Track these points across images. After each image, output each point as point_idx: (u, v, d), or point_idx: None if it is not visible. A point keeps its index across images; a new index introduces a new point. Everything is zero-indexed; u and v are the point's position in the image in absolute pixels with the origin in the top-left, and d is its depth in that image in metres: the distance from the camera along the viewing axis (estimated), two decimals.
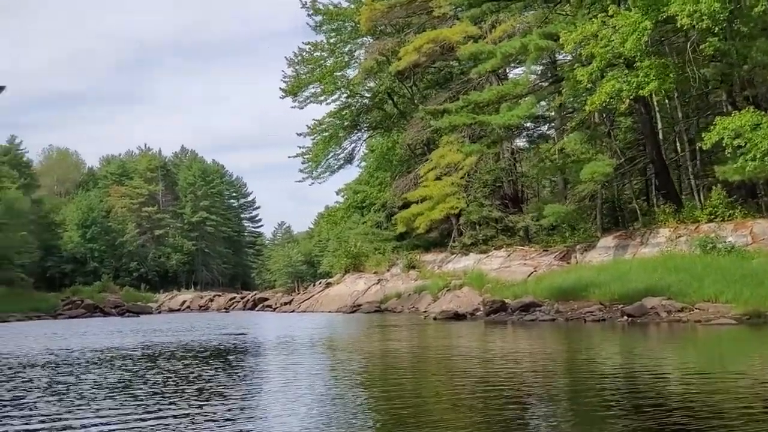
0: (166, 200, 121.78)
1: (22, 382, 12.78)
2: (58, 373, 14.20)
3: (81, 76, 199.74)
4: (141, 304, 64.32)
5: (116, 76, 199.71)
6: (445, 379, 12.48)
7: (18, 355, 18.15)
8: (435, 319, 27.91)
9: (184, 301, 73.87)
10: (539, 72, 43.73)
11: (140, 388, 11.64)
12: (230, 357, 16.99)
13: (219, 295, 76.39)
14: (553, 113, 44.37)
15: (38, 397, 10.96)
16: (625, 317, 22.83)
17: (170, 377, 13.02)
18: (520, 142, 48.81)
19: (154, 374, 13.53)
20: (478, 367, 13.85)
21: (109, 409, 9.62)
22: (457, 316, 27.67)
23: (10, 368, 15.01)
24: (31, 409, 9.75)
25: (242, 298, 70.07)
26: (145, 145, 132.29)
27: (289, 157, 60.00)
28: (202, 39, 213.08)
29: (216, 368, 14.36)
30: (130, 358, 16.90)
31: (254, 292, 77.70)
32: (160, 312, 64.11)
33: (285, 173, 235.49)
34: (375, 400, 10.43)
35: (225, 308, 64.81)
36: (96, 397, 10.76)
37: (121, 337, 24.89)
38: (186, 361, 15.91)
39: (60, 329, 33.06)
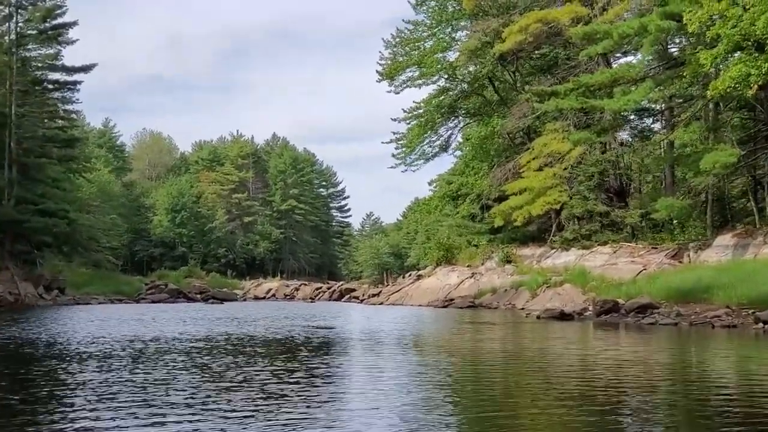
0: (256, 187, 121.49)
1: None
2: (117, 363, 12.32)
3: (178, 62, 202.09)
4: (226, 290, 63.33)
5: (213, 64, 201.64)
6: (551, 388, 10.04)
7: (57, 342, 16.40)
8: (539, 318, 25.34)
9: (270, 290, 72.60)
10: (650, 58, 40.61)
11: (213, 383, 10.08)
12: (315, 351, 14.95)
13: (305, 285, 75.02)
14: (658, 105, 41.15)
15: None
16: (760, 324, 19.94)
17: (247, 372, 11.26)
18: (623, 135, 45.61)
19: (229, 368, 11.71)
20: (594, 374, 11.38)
21: (180, 405, 8.39)
22: (563, 316, 25.05)
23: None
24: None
25: (328, 288, 68.49)
26: (237, 132, 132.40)
27: (382, 142, 58.12)
28: (300, 29, 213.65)
29: (299, 363, 12.58)
30: (204, 350, 14.96)
31: (341, 283, 76.04)
32: (245, 299, 62.92)
33: (375, 164, 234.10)
34: (465, 405, 9.08)
35: (311, 298, 63.22)
36: (164, 392, 9.26)
37: (196, 325, 23.18)
38: (268, 355, 14.20)
39: (136, 313, 31.92)
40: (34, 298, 42.84)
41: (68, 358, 13.05)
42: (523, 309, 33.17)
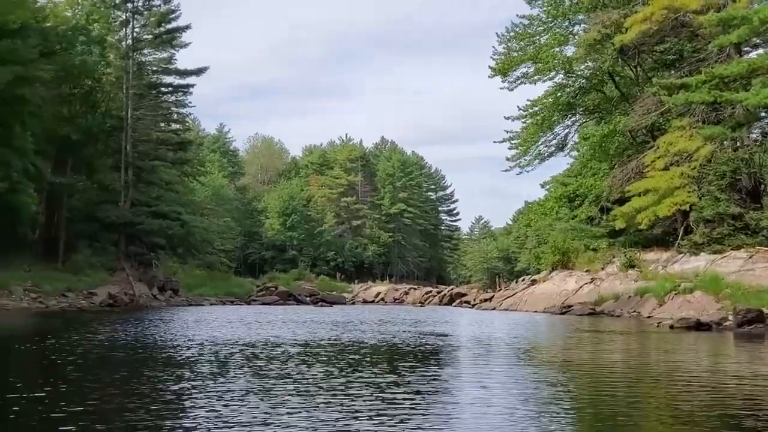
0: (365, 191, 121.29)
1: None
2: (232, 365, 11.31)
3: (288, 67, 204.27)
4: (335, 293, 63.02)
5: (323, 68, 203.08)
6: (690, 408, 8.45)
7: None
8: (672, 327, 23.40)
9: (379, 293, 71.86)
10: None
11: (317, 391, 9.08)
12: (428, 359, 13.86)
13: (414, 289, 73.98)
14: None
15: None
16: None
17: (355, 379, 10.25)
18: (754, 131, 42.75)
19: (339, 374, 10.57)
20: (737, 395, 9.72)
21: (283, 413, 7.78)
22: (699, 326, 23.05)
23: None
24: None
25: (438, 292, 67.12)
26: (346, 136, 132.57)
27: (494, 141, 55.93)
28: (409, 31, 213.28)
29: (411, 372, 11.54)
30: (315, 356, 13.87)
31: (451, 287, 74.54)
32: (353, 303, 62.33)
33: (485, 167, 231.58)
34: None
35: (420, 302, 62.03)
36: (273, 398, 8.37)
37: (305, 329, 22.22)
38: (376, 362, 13.22)
39: (246, 315, 31.47)
40: (148, 299, 43.05)
41: (174, 361, 12.37)
42: (649, 317, 31.09)
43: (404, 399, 8.79)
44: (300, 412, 7.78)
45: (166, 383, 9.79)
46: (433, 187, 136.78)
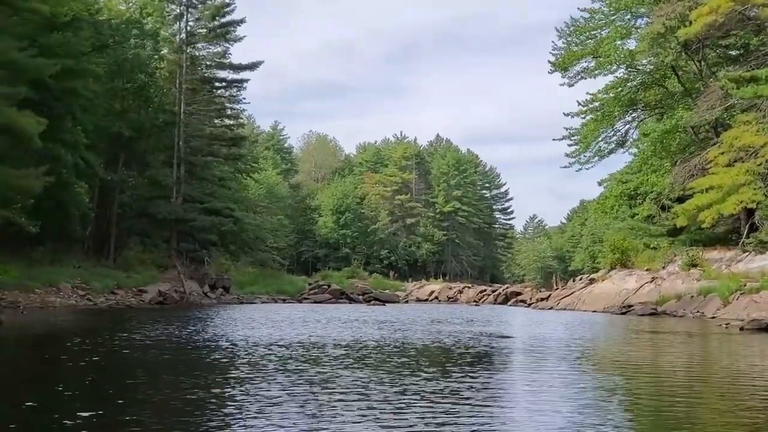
0: (419, 189, 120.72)
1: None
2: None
3: (345, 65, 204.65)
4: (388, 292, 62.39)
5: (378, 66, 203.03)
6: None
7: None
8: (742, 329, 22.28)
9: (432, 292, 71.03)
10: None
11: (358, 399, 8.17)
12: (478, 362, 13.04)
13: (468, 287, 72.98)
14: None
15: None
16: None
17: (401, 386, 9.37)
18: None
19: (385, 380, 9.81)
20: None
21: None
22: None
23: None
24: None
25: (493, 291, 66.12)
26: (401, 134, 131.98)
27: (554, 139, 54.76)
28: (465, 30, 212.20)
29: (458, 376, 10.61)
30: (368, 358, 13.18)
31: (506, 286, 73.43)
32: (407, 301, 61.66)
33: (540, 166, 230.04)
34: None
35: (474, 301, 61.13)
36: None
37: (356, 329, 21.61)
38: (426, 365, 12.39)
39: (298, 313, 30.95)
40: (199, 296, 42.83)
41: (206, 364, 11.87)
42: (713, 318, 29.94)
43: (454, 407, 8.04)
44: (332, 422, 7.08)
45: (187, 388, 9.15)
46: (487, 185, 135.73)
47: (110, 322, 22.37)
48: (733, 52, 45.34)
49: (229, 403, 8.03)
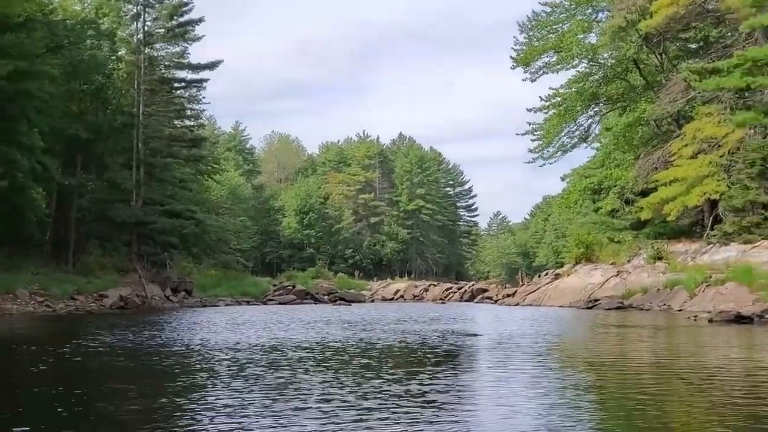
0: (382, 188, 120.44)
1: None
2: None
3: (305, 64, 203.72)
4: (354, 291, 61.94)
5: (338, 65, 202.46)
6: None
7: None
8: (710, 321, 22.10)
9: (398, 290, 70.47)
10: None
11: (320, 403, 7.72)
12: (445, 361, 12.76)
13: (434, 285, 72.51)
14: None
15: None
16: None
17: (366, 388, 8.97)
18: None
19: (349, 382, 9.37)
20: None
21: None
22: (739, 319, 21.77)
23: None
24: None
25: (459, 288, 65.68)
26: (364, 132, 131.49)
27: (517, 134, 54.73)
28: (426, 29, 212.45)
29: (425, 376, 10.21)
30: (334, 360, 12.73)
31: (472, 283, 73.10)
32: (373, 301, 61.16)
33: (502, 163, 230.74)
34: None
35: (441, 299, 60.70)
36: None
37: (322, 331, 21.16)
38: (392, 366, 11.99)
39: (261, 315, 30.74)
40: (160, 300, 41.99)
41: (160, 369, 11.38)
42: (680, 310, 29.85)
43: (418, 411, 7.63)
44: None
45: (135, 397, 8.68)
46: (451, 183, 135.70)
47: (67, 329, 21.76)
48: (693, 45, 45.60)
49: (179, 414, 7.53)
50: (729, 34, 40.43)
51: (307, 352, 13.75)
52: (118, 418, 7.33)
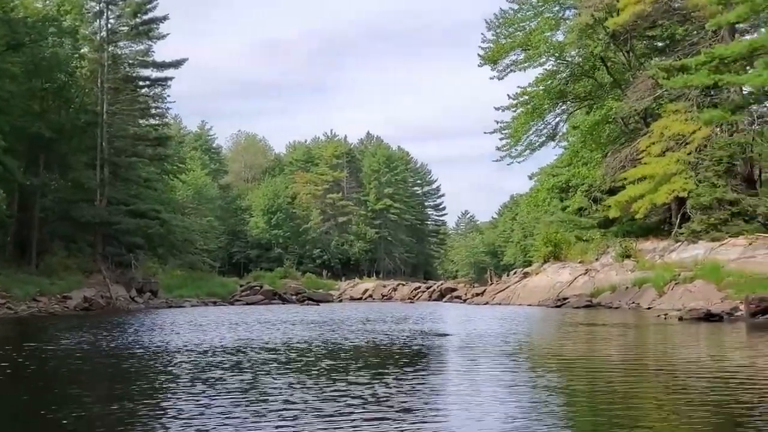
0: (350, 187, 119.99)
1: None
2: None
3: (273, 64, 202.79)
4: (322, 291, 61.58)
5: (307, 65, 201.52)
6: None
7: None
8: (680, 319, 21.98)
9: (366, 290, 70.18)
10: None
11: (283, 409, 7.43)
12: (414, 362, 12.41)
13: (402, 284, 72.30)
14: None
15: None
16: None
17: (330, 391, 8.66)
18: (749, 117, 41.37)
19: (313, 384, 9.03)
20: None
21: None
22: (709, 317, 21.66)
23: None
24: None
25: (428, 288, 65.51)
26: (332, 132, 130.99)
27: (485, 132, 54.49)
28: (395, 27, 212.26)
29: (393, 377, 9.99)
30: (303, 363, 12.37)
31: (440, 282, 72.99)
32: (341, 300, 60.88)
33: (470, 162, 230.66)
34: None
35: (409, 298, 60.49)
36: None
37: (288, 331, 20.78)
38: (359, 368, 11.60)
39: (227, 316, 30.35)
40: (125, 302, 41.38)
41: (130, 372, 10.98)
42: (650, 308, 29.81)
43: (385, 414, 7.33)
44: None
45: (88, 403, 8.35)
46: (419, 182, 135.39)
47: (27, 332, 21.25)
48: (660, 43, 45.64)
49: (132, 421, 7.17)
50: (695, 32, 40.45)
51: (272, 354, 13.40)
52: (67, 427, 6.94)
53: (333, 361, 12.35)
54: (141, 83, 54.31)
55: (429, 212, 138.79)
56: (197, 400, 8.13)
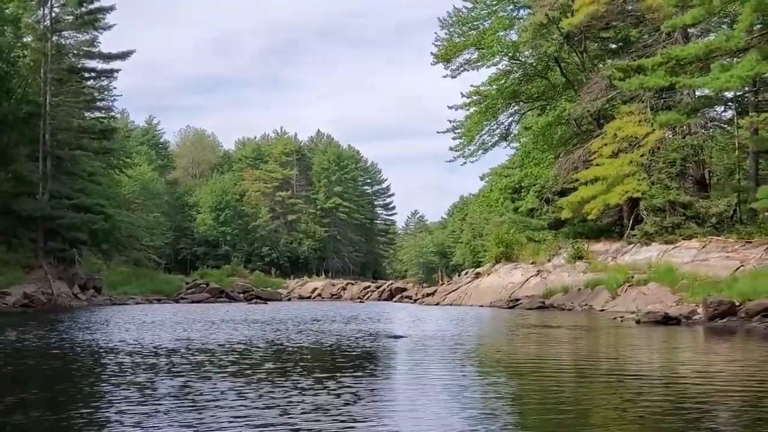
0: (300, 185, 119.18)
1: None
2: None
3: (222, 60, 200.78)
4: (270, 290, 60.81)
5: (256, 62, 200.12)
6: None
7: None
8: (638, 322, 21.51)
9: (315, 289, 69.50)
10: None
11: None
12: (361, 364, 11.73)
13: (352, 284, 71.82)
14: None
15: None
16: None
17: (267, 396, 7.95)
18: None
19: (248, 389, 8.23)
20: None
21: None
22: (667, 320, 21.20)
23: None
24: None
25: (378, 287, 65.01)
26: (281, 129, 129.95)
27: (438, 132, 54.01)
28: (345, 26, 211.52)
29: (336, 381, 9.27)
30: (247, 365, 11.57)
31: (390, 282, 72.51)
32: (289, 299, 60.12)
33: (420, 162, 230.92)
34: None
35: (359, 298, 59.91)
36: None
37: (234, 331, 19.98)
38: (303, 370, 10.77)
39: (169, 314, 29.41)
40: (68, 298, 40.18)
41: (44, 374, 10.16)
42: (603, 310, 29.46)
43: (327, 424, 6.60)
44: None
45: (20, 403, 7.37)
46: (369, 181, 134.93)
47: None
48: (614, 45, 45.56)
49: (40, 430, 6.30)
50: (648, 34, 40.37)
51: (209, 356, 12.53)
52: None
53: (274, 364, 11.58)
54: (86, 74, 52.83)
55: (379, 211, 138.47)
56: (120, 406, 7.33)
